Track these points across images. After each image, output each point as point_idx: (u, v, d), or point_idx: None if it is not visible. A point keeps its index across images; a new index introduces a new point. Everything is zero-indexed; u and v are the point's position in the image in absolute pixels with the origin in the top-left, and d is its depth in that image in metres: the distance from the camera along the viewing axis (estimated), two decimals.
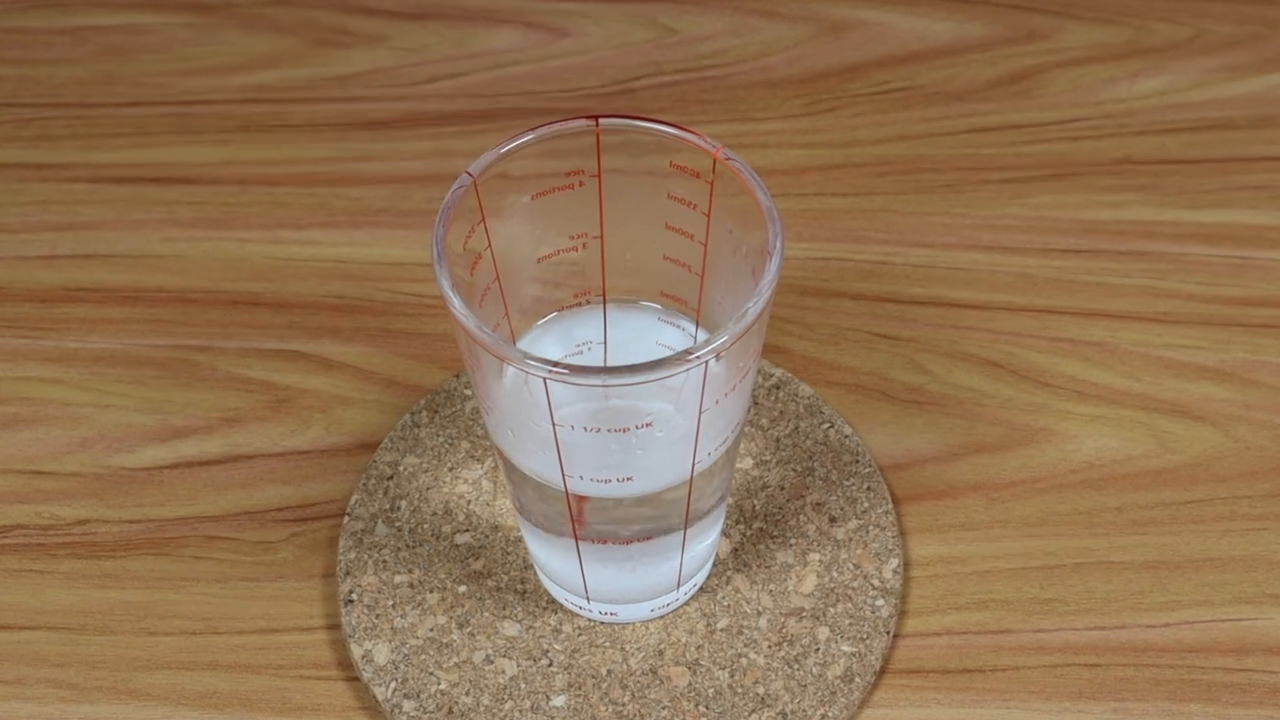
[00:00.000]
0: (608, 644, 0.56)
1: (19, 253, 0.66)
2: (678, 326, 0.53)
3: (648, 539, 0.52)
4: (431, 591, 0.56)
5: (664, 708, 0.54)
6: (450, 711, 0.54)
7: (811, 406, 0.61)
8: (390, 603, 0.56)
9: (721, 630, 0.56)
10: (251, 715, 0.55)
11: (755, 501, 0.59)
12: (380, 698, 0.54)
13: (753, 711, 0.54)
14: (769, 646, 0.55)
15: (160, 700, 0.55)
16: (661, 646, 0.55)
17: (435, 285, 0.47)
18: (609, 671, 0.55)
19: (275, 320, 0.64)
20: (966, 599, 0.57)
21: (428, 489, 0.59)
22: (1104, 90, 0.71)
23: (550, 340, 0.53)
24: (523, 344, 0.53)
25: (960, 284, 0.65)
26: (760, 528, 0.58)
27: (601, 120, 0.49)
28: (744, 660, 0.55)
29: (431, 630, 0.56)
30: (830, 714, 0.54)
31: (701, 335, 0.53)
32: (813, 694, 0.54)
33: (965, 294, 0.65)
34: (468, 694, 0.54)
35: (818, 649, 0.55)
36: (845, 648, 0.55)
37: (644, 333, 0.53)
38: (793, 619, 0.56)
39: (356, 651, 0.55)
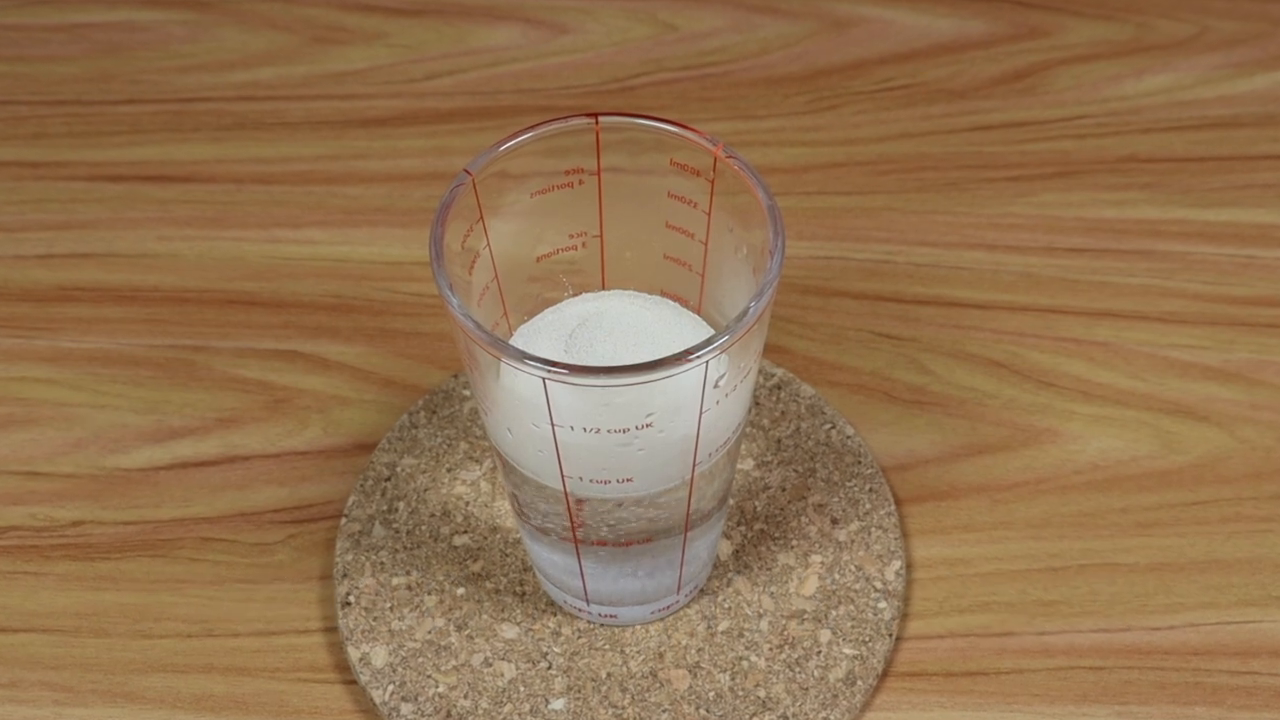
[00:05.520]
0: (607, 647, 0.55)
1: (15, 252, 0.66)
2: None
3: (648, 541, 0.52)
4: (429, 594, 0.56)
5: (664, 711, 0.54)
6: (448, 715, 0.54)
7: (813, 407, 0.61)
8: (388, 605, 0.56)
9: (722, 633, 0.55)
10: (247, 719, 0.55)
11: (756, 503, 0.58)
12: (378, 701, 0.54)
13: (754, 715, 0.54)
14: (770, 649, 0.55)
15: (155, 704, 0.55)
16: (662, 649, 0.55)
17: (433, 284, 0.47)
18: (609, 674, 0.55)
19: (272, 320, 0.64)
20: (969, 601, 0.57)
21: (426, 490, 0.59)
22: (1108, 87, 0.70)
23: None
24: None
25: (963, 283, 0.65)
26: (761, 529, 0.58)
27: (601, 118, 0.49)
28: (745, 663, 0.55)
29: (429, 633, 0.55)
30: (832, 717, 0.54)
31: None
32: (814, 697, 0.54)
33: (968, 293, 0.65)
34: (466, 697, 0.54)
35: (819, 652, 0.55)
36: (847, 650, 0.55)
37: None
38: (794, 621, 0.56)
39: (354, 654, 0.55)
